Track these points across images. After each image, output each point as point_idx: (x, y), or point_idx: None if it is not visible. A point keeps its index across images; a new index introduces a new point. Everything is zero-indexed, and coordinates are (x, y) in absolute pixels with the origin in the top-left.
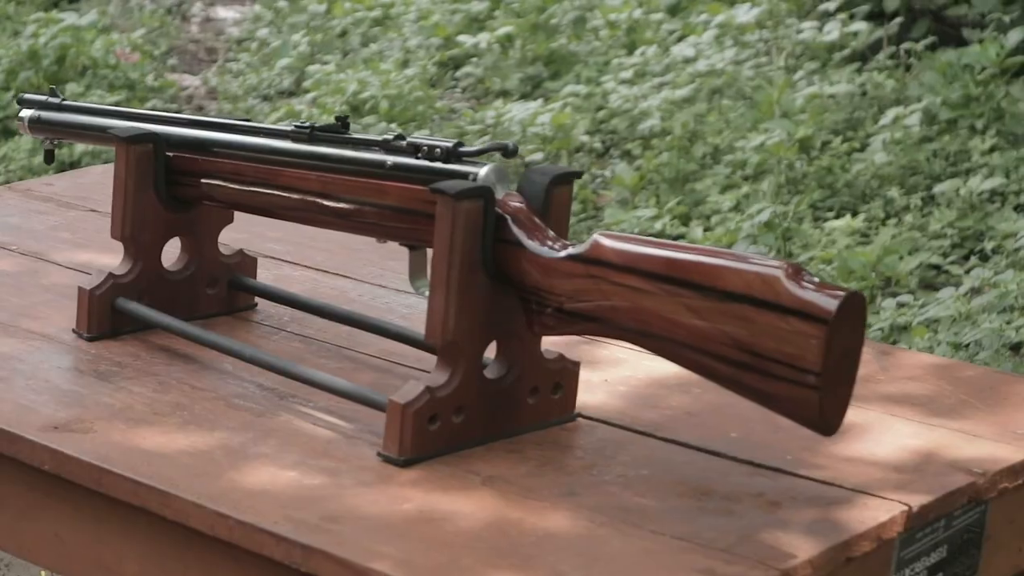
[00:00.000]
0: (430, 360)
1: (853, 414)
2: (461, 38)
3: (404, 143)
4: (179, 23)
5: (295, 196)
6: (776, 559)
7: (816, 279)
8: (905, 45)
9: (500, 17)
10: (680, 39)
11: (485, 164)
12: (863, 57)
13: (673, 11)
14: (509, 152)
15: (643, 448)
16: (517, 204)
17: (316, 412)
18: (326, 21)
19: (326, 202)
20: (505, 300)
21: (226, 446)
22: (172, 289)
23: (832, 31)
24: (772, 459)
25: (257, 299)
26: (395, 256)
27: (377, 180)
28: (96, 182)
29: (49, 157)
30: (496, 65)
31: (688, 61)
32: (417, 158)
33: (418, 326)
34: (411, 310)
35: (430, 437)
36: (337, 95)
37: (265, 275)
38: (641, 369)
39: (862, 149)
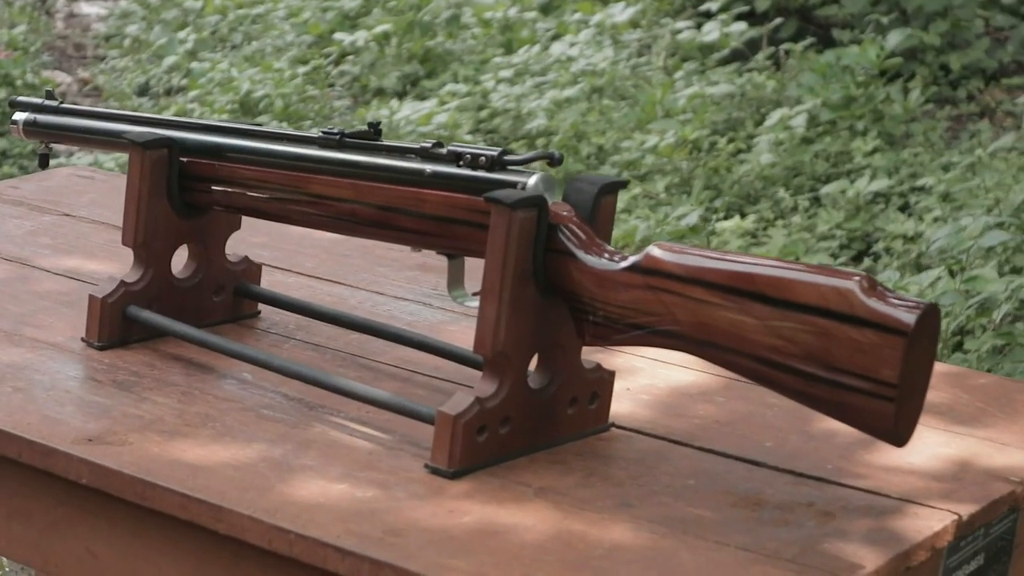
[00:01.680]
0: (448, 368)
1: None
2: (338, 36)
3: (444, 151)
4: (46, 19)
5: (326, 204)
6: (844, 570)
7: (891, 291)
8: (785, 46)
9: (375, 14)
10: (554, 38)
11: (532, 173)
12: (742, 57)
13: (545, 10)
14: (555, 161)
15: (683, 458)
16: (567, 213)
17: (349, 423)
18: (199, 18)
19: (359, 210)
20: (551, 310)
21: (268, 458)
22: (180, 297)
23: (712, 31)
24: (813, 469)
25: (260, 306)
26: (386, 263)
27: (415, 188)
28: (62, 185)
29: (44, 161)
30: (373, 63)
31: (570, 60)
32: (459, 166)
33: (432, 334)
34: (415, 317)
35: (477, 448)
36: (229, 93)
37: None
38: (659, 378)
39: (748, 150)
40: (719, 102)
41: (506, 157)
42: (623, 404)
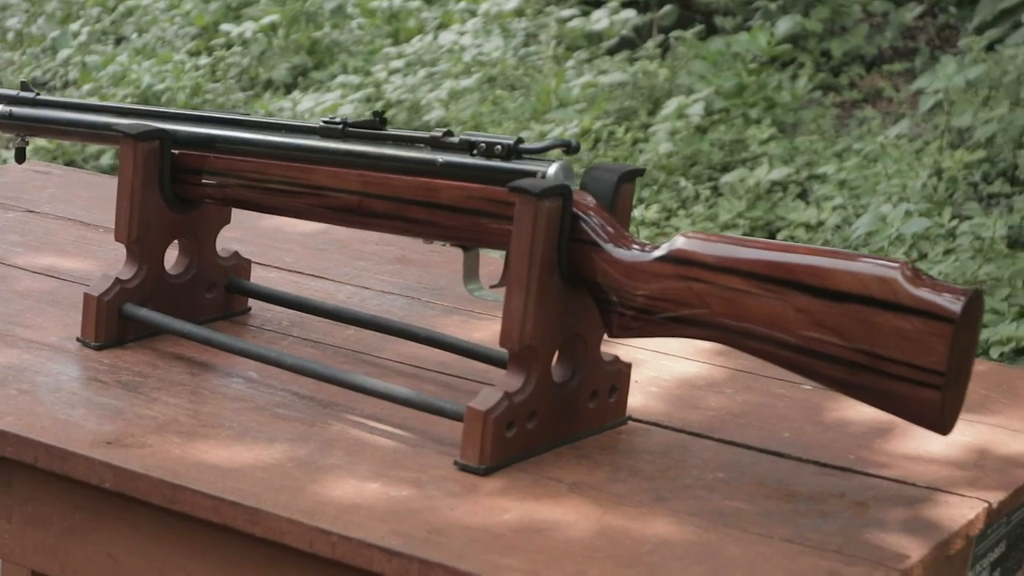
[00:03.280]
0: (454, 363)
1: None
2: (225, 27)
3: (455, 139)
4: None
5: (331, 196)
6: (891, 560)
7: (933, 278)
8: (674, 33)
9: (261, 5)
10: (439, 27)
11: (550, 161)
12: (631, 45)
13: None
14: (572, 149)
15: (706, 451)
16: (589, 202)
17: (366, 420)
18: (80, 10)
19: (368, 202)
20: (573, 301)
21: (294, 458)
22: (174, 294)
23: (601, 19)
24: (836, 459)
25: (250, 302)
26: (364, 256)
27: (427, 179)
28: (19, 181)
29: (21, 155)
30: (262, 54)
31: (461, 49)
32: (472, 155)
33: (444, 330)
34: (406, 311)
35: (507, 444)
36: (127, 86)
37: None
38: (664, 370)
39: (645, 140)
40: (612, 91)
41: (521, 145)
42: (634, 397)
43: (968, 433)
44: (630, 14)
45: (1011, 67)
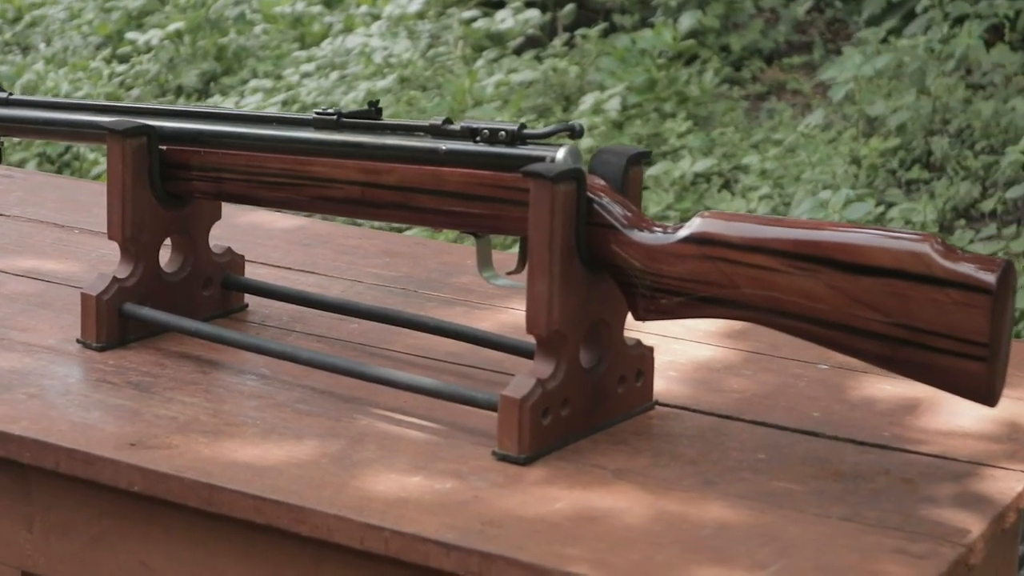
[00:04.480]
0: (463, 353)
1: (912, 387)
2: (131, 35)
3: (457, 127)
4: None
5: (334, 187)
6: (954, 535)
7: (963, 251)
8: (580, 31)
9: (164, 13)
10: (343, 31)
11: (556, 146)
12: (537, 44)
13: (329, 4)
14: (576, 133)
15: (741, 433)
16: (603, 185)
17: (391, 413)
18: None
19: (372, 192)
20: (595, 286)
21: (327, 454)
22: (171, 291)
23: (506, 19)
24: (871, 437)
25: (247, 299)
26: (350, 251)
27: (432, 167)
28: None
29: None
30: (170, 61)
31: (372, 51)
32: (476, 142)
33: (456, 319)
34: (406, 303)
35: (544, 432)
36: (46, 95)
37: None
38: (678, 354)
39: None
40: (525, 89)
41: (525, 131)
42: (655, 382)
43: (995, 407)
44: (533, 13)
45: (908, 57)
